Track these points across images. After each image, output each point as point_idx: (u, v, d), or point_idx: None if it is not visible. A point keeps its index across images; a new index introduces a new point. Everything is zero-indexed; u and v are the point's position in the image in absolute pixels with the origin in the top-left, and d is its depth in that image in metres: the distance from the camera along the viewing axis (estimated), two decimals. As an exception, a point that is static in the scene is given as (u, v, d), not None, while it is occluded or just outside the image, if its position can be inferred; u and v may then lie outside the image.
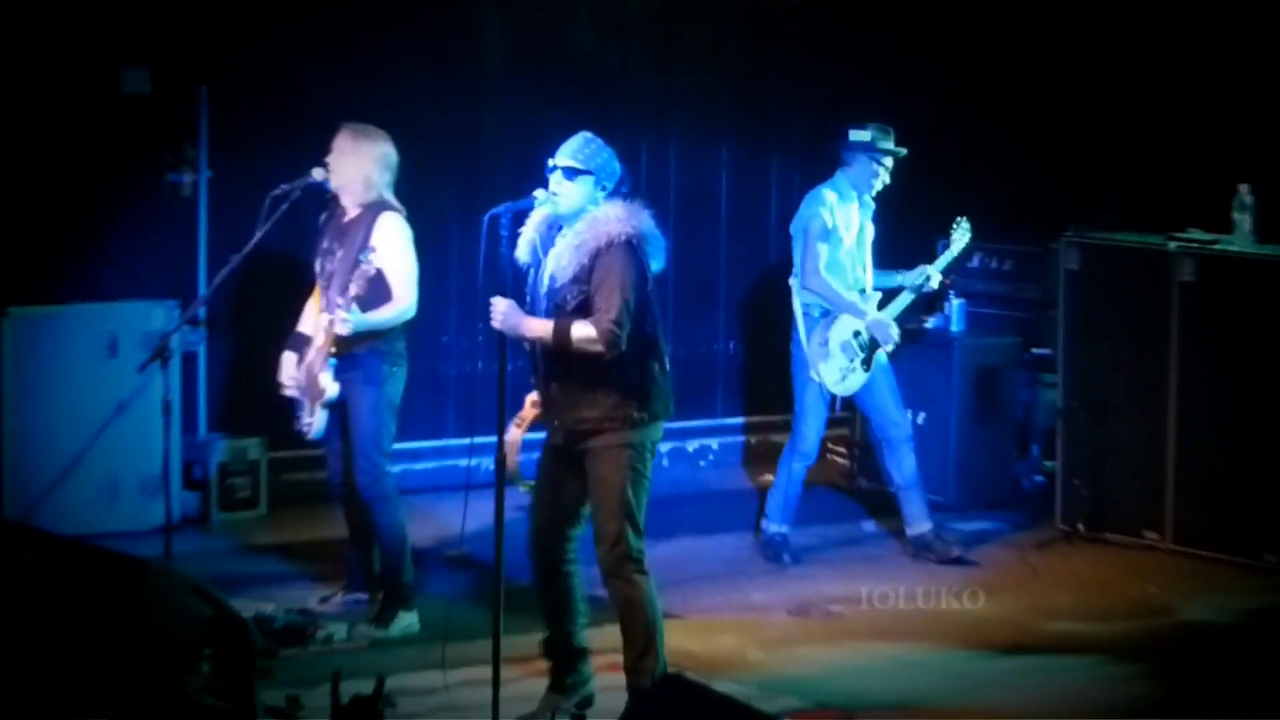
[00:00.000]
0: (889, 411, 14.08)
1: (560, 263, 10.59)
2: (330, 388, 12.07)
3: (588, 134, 10.78)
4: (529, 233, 10.83)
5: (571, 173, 10.62)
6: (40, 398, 13.87)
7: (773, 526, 14.09)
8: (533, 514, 10.99)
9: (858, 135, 13.79)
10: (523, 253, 10.82)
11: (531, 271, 10.85)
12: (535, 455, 10.96)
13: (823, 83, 16.22)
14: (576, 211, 10.63)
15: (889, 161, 13.79)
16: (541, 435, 11.01)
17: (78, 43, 14.54)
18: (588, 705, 10.85)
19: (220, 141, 14.54)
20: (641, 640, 10.80)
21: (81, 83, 14.58)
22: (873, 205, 13.91)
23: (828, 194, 13.85)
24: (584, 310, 10.49)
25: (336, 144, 12.18)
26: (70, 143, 14.50)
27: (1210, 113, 16.08)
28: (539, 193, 10.70)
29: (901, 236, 14.30)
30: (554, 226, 10.78)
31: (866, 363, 13.78)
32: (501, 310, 10.56)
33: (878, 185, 13.84)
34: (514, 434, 10.95)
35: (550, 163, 10.70)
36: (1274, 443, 13.34)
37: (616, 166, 10.74)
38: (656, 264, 10.67)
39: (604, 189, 10.68)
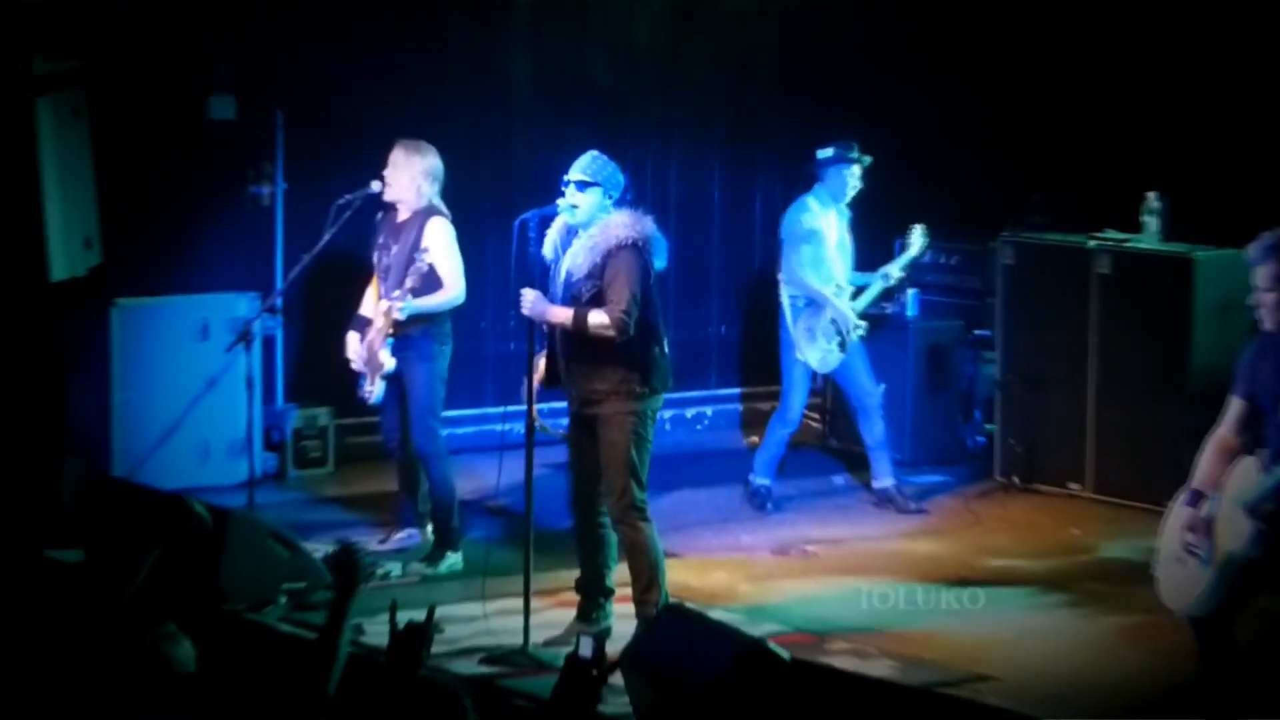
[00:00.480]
0: (863, 384, 14.05)
1: (576, 261, 10.75)
2: (389, 362, 12.11)
3: (595, 152, 10.94)
4: (551, 235, 10.94)
5: (583, 185, 10.81)
6: (143, 375, 13.88)
7: (758, 480, 14.04)
8: (572, 474, 11.10)
9: (823, 153, 13.80)
10: (546, 251, 10.93)
11: (551, 267, 10.93)
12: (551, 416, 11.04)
13: (799, 108, 16.15)
14: (590, 217, 10.73)
15: (856, 169, 13.75)
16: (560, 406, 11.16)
17: (174, 77, 14.49)
18: (606, 636, 10.79)
19: (294, 159, 14.49)
20: (646, 577, 10.86)
21: (177, 110, 14.52)
22: (849, 213, 13.87)
23: (810, 202, 13.86)
24: (597, 301, 10.65)
25: (391, 157, 12.23)
26: (169, 161, 14.41)
27: (1124, 131, 16.00)
28: (561, 201, 10.85)
29: (868, 237, 14.15)
30: (571, 230, 10.90)
31: (843, 345, 13.78)
32: (530, 300, 10.75)
33: (850, 192, 13.80)
34: (536, 378, 11.08)
35: (565, 177, 10.78)
36: (1175, 408, 13.28)
37: (620, 178, 10.87)
38: (659, 262, 10.80)
39: (611, 198, 10.83)
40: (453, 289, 12.20)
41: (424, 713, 6.59)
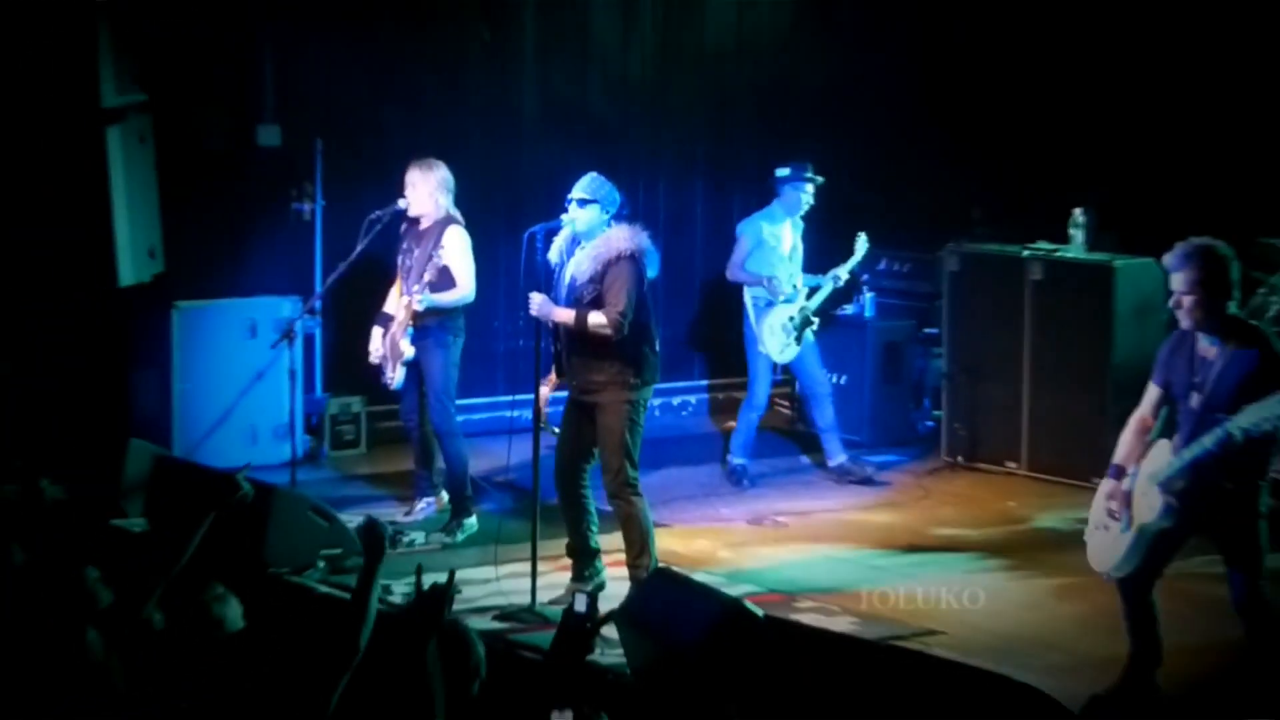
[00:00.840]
0: (815, 374, 14.08)
1: (580, 268, 10.79)
2: (408, 350, 12.16)
3: (595, 173, 11.01)
4: (557, 244, 11.00)
5: (583, 202, 10.88)
6: (200, 368, 13.84)
7: (735, 459, 14.03)
8: (558, 452, 11.07)
9: (781, 172, 13.87)
10: (552, 257, 11.00)
11: (556, 272, 10.98)
12: (557, 409, 11.07)
13: (769, 135, 16.14)
14: (590, 230, 10.83)
15: (809, 188, 13.79)
16: (563, 396, 11.23)
17: (227, 109, 14.54)
18: (600, 590, 10.79)
19: (331, 180, 14.46)
20: (638, 544, 10.89)
21: (230, 138, 14.57)
22: (802, 225, 13.91)
23: (761, 220, 13.92)
24: (596, 303, 10.74)
25: (409, 178, 12.31)
26: (222, 181, 14.45)
27: (1053, 155, 16.02)
28: (564, 216, 10.88)
29: (833, 244, 14.16)
30: (575, 240, 10.94)
31: (798, 339, 13.79)
32: (537, 302, 10.81)
33: (803, 207, 13.84)
34: (544, 391, 11.22)
35: (569, 195, 10.82)
36: (1099, 397, 13.28)
37: (617, 195, 10.91)
38: (652, 271, 10.88)
39: (608, 213, 10.85)
40: (464, 289, 12.20)
41: (444, 661, 6.59)
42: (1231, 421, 8.73)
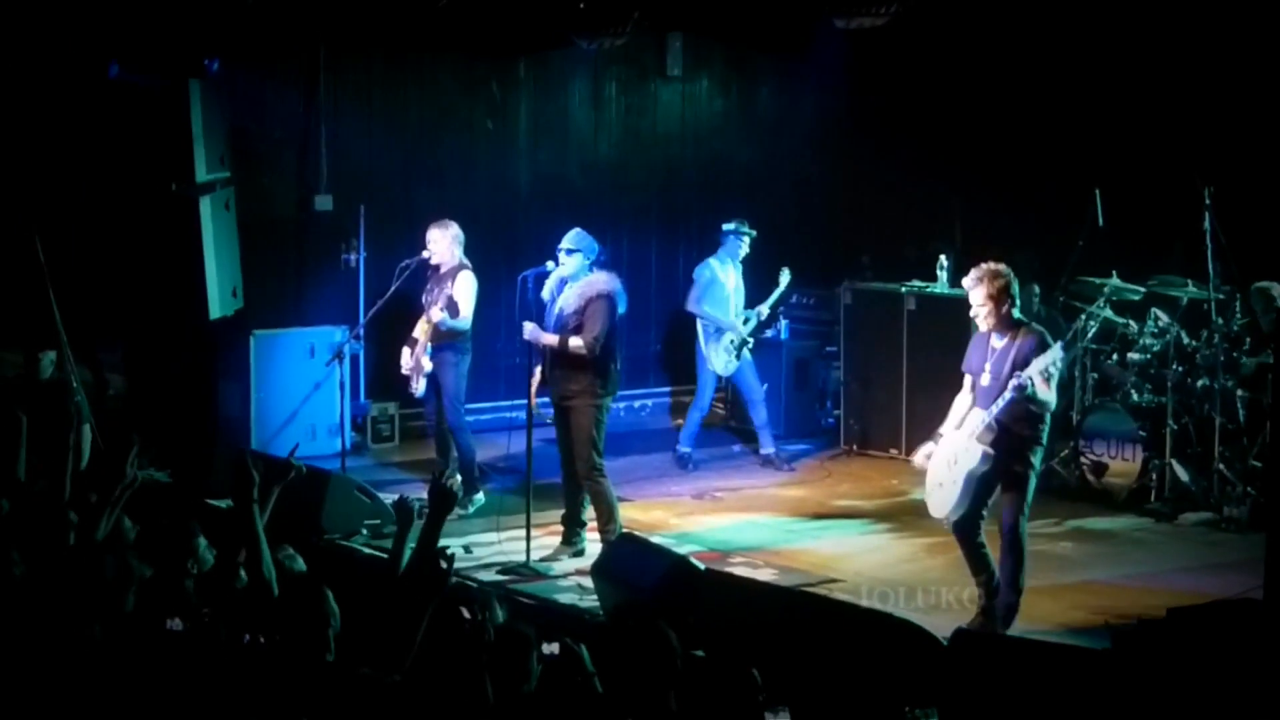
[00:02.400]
0: (751, 383, 14.00)
1: (567, 302, 10.84)
2: (428, 365, 12.08)
3: (578, 229, 10.99)
4: (549, 284, 10.99)
5: (570, 251, 10.97)
6: (272, 381, 13.74)
7: (682, 448, 13.97)
8: (558, 445, 11.11)
9: (726, 226, 13.82)
10: (545, 294, 10.98)
11: (547, 305, 10.96)
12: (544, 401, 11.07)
13: (708, 200, 16.08)
14: (575, 274, 10.79)
15: (746, 240, 13.73)
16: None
17: (291, 183, 14.51)
18: (581, 554, 10.76)
19: (371, 236, 14.39)
20: (606, 515, 10.88)
21: (294, 205, 14.54)
22: (741, 268, 13.85)
23: (713, 261, 13.84)
24: (577, 330, 10.64)
25: (429, 235, 12.31)
26: (288, 238, 14.48)
27: (922, 214, 15.99)
28: (550, 264, 10.86)
29: (758, 279, 14.13)
30: (562, 281, 10.94)
31: (738, 356, 13.76)
32: (528, 330, 10.85)
33: (741, 254, 13.79)
34: (534, 382, 11.08)
35: (558, 246, 10.82)
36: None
37: (596, 246, 11.00)
38: (622, 308, 10.86)
39: (589, 260, 10.87)
40: (464, 317, 12.10)
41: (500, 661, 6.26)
42: (1024, 373, 9.13)
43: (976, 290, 9.42)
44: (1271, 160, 13.22)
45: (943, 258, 14.07)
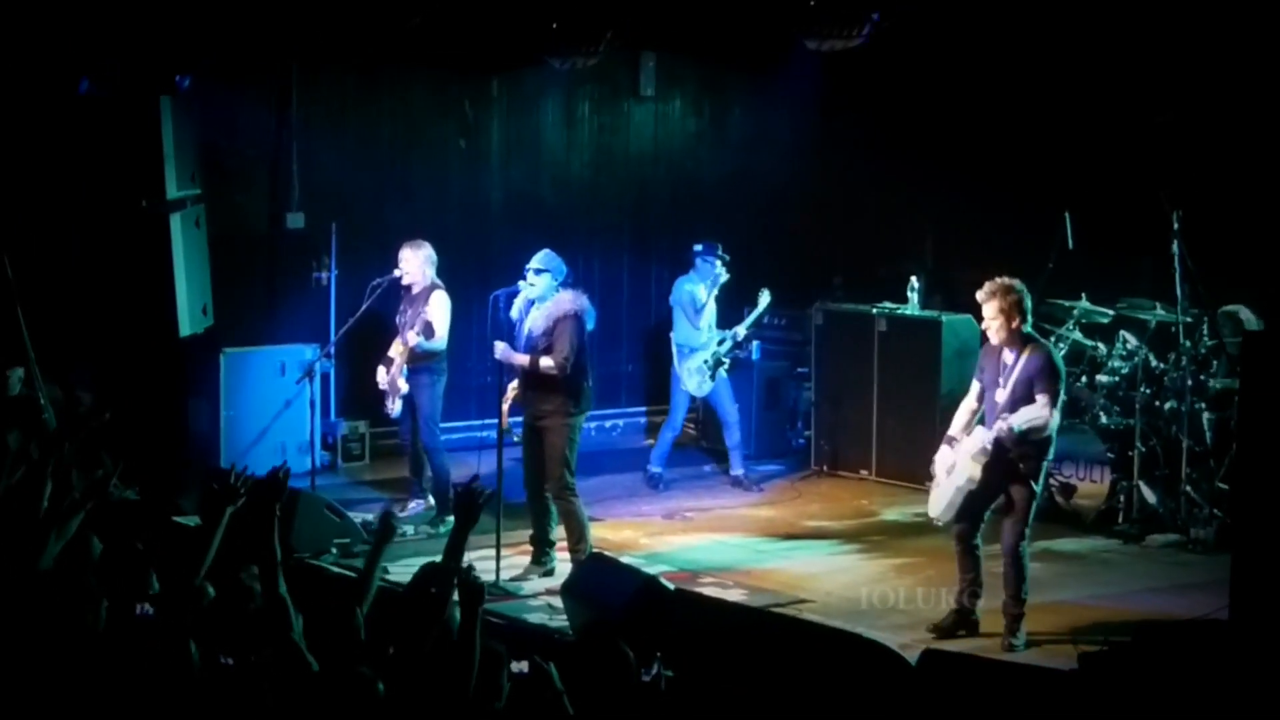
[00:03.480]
0: (726, 405, 14.00)
1: (535, 323, 10.84)
2: (404, 386, 12.15)
3: (547, 249, 11.00)
4: (518, 303, 11.00)
5: (539, 271, 10.96)
6: (242, 399, 13.73)
7: (653, 468, 13.98)
8: (524, 465, 11.10)
9: (696, 247, 13.85)
10: (514, 314, 11.00)
11: (517, 325, 10.98)
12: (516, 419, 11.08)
13: (679, 219, 16.12)
14: (544, 294, 10.78)
15: (719, 263, 13.74)
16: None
17: (262, 201, 14.54)
18: (551, 573, 10.77)
19: (343, 254, 14.39)
20: (576, 534, 10.89)
21: (265, 222, 14.55)
22: (715, 289, 13.86)
23: (686, 284, 13.85)
24: (547, 350, 10.67)
25: (402, 254, 12.34)
26: (259, 256, 14.51)
27: (893, 238, 16.08)
28: (521, 283, 10.83)
29: (734, 299, 14.18)
30: (531, 301, 10.94)
31: (713, 377, 13.76)
32: (500, 349, 10.84)
33: (714, 275, 13.79)
34: (506, 399, 11.10)
35: (526, 266, 10.82)
36: (930, 419, 13.27)
37: (564, 266, 11.03)
38: (590, 325, 10.86)
39: (557, 280, 10.88)
40: (440, 337, 12.17)
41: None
42: (1010, 418, 9.45)
43: (989, 304, 9.70)
44: (1239, 185, 13.32)
45: (914, 279, 14.12)
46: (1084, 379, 12.75)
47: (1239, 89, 13.23)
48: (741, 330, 13.97)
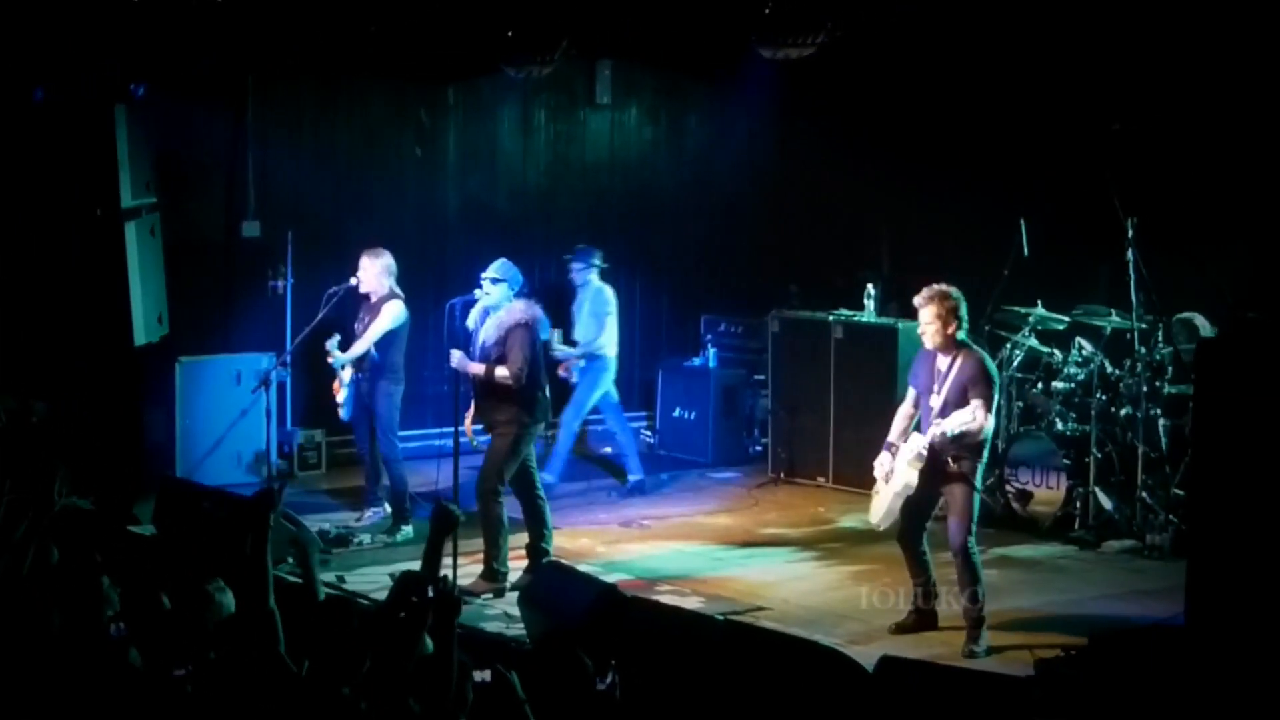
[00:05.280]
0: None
1: (488, 333, 10.88)
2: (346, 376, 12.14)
3: (503, 259, 11.01)
4: (474, 313, 10.98)
5: (495, 280, 10.99)
6: (198, 408, 13.67)
7: (634, 477, 13.94)
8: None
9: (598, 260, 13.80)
10: (470, 323, 10.97)
11: (473, 335, 10.96)
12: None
13: (634, 228, 16.15)
14: (498, 303, 10.76)
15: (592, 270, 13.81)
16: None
17: (217, 209, 14.46)
18: (502, 593, 10.74)
19: (299, 262, 14.34)
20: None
21: (221, 231, 14.51)
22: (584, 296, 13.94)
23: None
24: (501, 360, 10.66)
25: (361, 262, 12.27)
26: (214, 265, 14.45)
27: (849, 246, 16.11)
28: (478, 291, 10.82)
29: (679, 314, 14.14)
30: (486, 311, 10.93)
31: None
32: (456, 357, 10.87)
33: (587, 281, 13.85)
34: (467, 422, 11.15)
35: (482, 275, 10.80)
36: (885, 426, 13.29)
37: (519, 276, 11.02)
38: (544, 335, 10.92)
39: (513, 289, 10.86)
40: (363, 344, 12.08)
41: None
42: (942, 423, 9.51)
43: (926, 309, 9.75)
44: (1194, 192, 13.38)
45: (870, 286, 14.14)
46: (1040, 385, 12.78)
47: (1194, 96, 13.29)
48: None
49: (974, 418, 9.50)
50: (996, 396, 9.79)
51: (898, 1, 13.31)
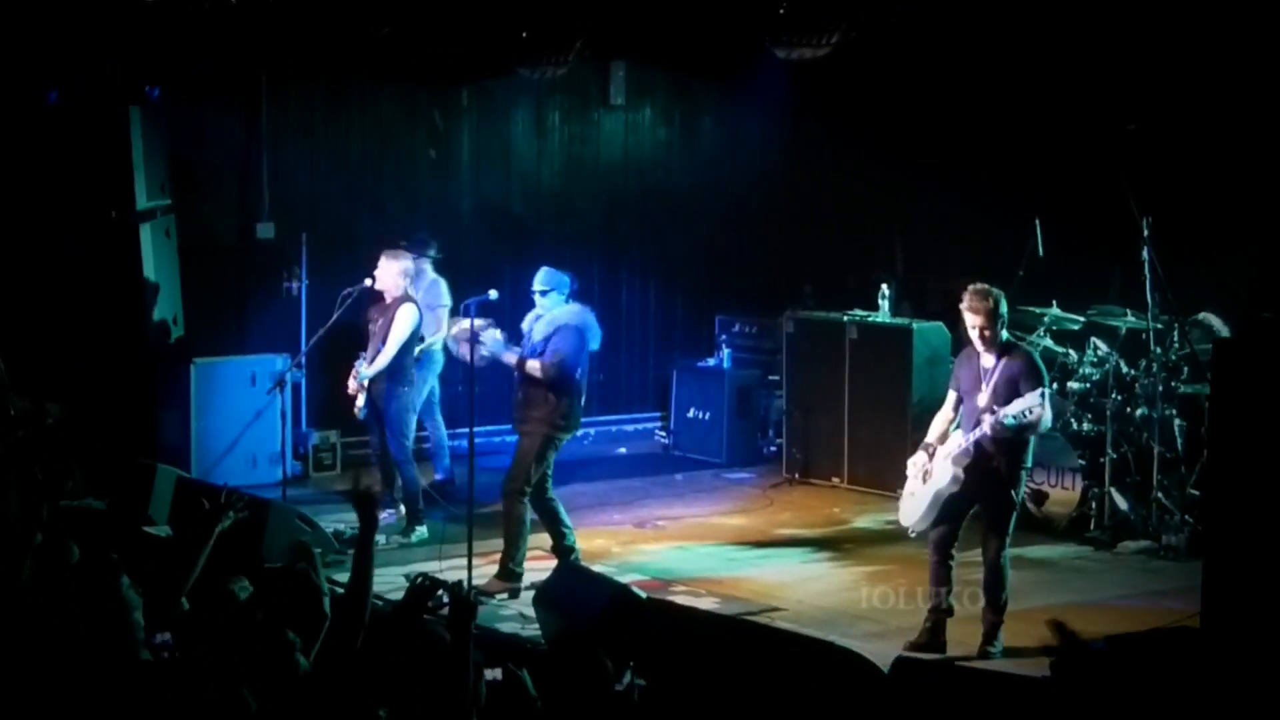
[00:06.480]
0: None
1: (537, 332, 10.83)
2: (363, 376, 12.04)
3: (546, 268, 11.27)
4: (529, 317, 11.02)
5: (544, 292, 10.98)
6: (213, 409, 13.66)
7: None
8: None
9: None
10: (524, 325, 11.01)
11: (525, 334, 10.95)
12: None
13: (648, 228, 16.18)
14: (552, 308, 10.82)
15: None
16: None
17: (233, 211, 14.50)
18: (518, 593, 10.75)
19: (313, 264, 14.37)
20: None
21: (236, 233, 14.54)
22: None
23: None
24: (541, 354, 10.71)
25: (380, 261, 12.22)
26: (230, 266, 14.49)
27: (863, 248, 16.12)
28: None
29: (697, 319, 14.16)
30: (539, 315, 10.93)
31: None
32: (491, 337, 10.82)
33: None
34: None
35: (533, 288, 11.00)
36: (901, 427, 13.26)
37: (567, 280, 11.03)
38: (595, 343, 11.01)
39: (563, 294, 10.93)
40: (385, 357, 12.00)
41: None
42: (1001, 411, 9.31)
43: (974, 310, 9.62)
44: (1209, 192, 13.37)
45: (884, 287, 14.13)
46: (1055, 386, 12.76)
47: (1210, 96, 13.28)
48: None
49: (1035, 405, 9.25)
50: (1048, 393, 9.61)
51: (911, 2, 13.32)
